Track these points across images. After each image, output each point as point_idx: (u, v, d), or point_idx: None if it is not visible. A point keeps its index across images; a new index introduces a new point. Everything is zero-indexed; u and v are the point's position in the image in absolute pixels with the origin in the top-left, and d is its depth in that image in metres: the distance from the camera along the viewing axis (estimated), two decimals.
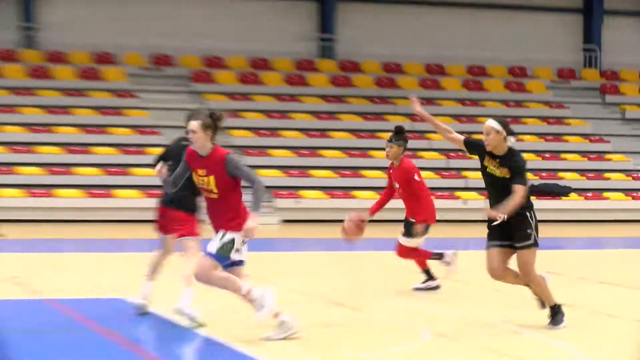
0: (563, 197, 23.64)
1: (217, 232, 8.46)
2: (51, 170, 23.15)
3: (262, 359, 7.54)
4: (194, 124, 8.38)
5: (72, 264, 14.65)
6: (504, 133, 8.74)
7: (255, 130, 25.22)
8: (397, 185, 11.47)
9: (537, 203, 10.00)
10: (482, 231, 8.98)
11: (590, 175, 26.34)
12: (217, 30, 27.63)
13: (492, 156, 8.82)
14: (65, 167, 23.15)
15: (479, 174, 9.16)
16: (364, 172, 24.45)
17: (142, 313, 8.83)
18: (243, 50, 27.86)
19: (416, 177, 11.33)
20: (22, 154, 23.58)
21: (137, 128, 25.02)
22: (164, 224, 9.46)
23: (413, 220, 11.31)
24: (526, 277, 9.03)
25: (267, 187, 20.55)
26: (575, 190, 23.77)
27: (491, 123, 8.80)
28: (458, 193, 24.57)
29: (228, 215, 8.46)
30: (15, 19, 27.72)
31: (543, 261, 9.48)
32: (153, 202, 10.06)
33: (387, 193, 11.30)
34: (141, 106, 25.90)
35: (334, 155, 25.53)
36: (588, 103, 29.72)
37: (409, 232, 11.12)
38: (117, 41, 27.13)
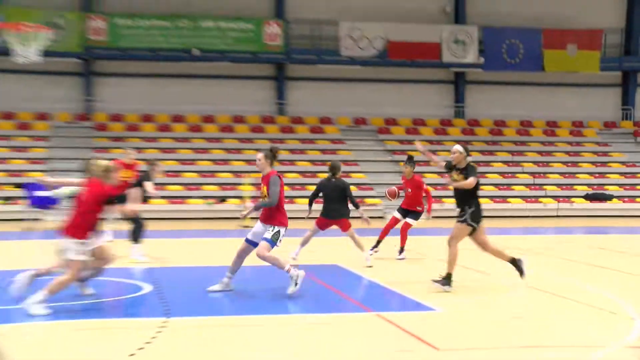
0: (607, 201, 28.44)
1: (263, 224, 9.78)
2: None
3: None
4: (259, 155, 9.86)
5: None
6: (465, 154, 10.12)
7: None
8: (409, 190, 13.84)
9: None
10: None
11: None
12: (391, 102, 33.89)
13: (457, 169, 10.22)
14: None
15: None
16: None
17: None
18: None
19: (425, 186, 13.87)
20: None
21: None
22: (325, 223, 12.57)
23: (419, 209, 13.81)
24: (448, 244, 10.19)
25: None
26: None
27: (457, 147, 10.21)
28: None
29: (273, 214, 9.67)
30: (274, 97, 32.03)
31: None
32: None
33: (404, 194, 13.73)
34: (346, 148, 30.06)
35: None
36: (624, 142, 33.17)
37: (415, 217, 13.67)
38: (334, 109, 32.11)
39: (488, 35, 32.25)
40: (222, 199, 26.24)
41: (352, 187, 13.48)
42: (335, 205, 12.85)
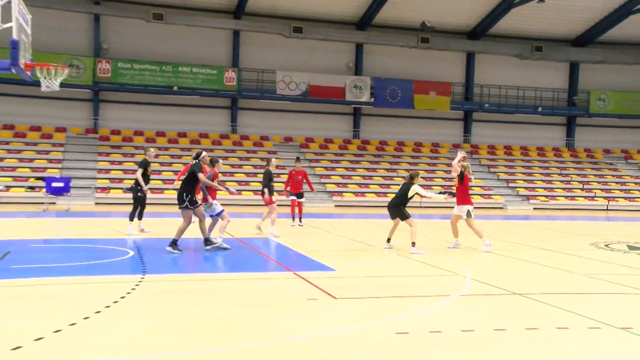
0: None
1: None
2: None
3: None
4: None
5: None
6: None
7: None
8: (300, 177, 14.58)
9: None
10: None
11: None
12: (309, 126, 33.09)
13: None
14: None
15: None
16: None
17: None
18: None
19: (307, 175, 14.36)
20: None
21: None
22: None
23: (301, 191, 14.35)
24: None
25: None
26: None
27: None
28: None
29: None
30: None
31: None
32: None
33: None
34: None
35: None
36: None
37: (303, 197, 13.79)
38: (270, 130, 33.74)
39: (377, 83, 32.41)
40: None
41: (280, 185, 13.31)
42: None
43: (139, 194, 12.69)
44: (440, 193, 26.54)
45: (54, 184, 20.52)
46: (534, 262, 10.36)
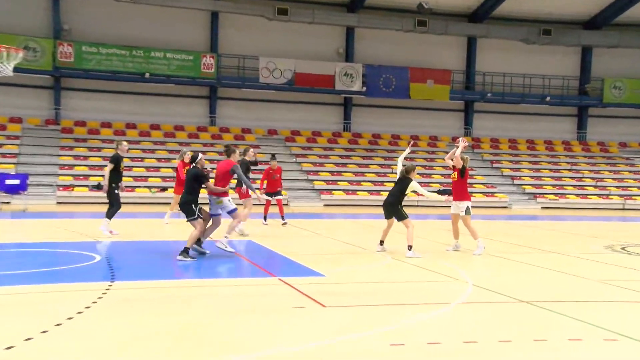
0: None
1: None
2: None
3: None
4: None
5: None
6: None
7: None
8: (277, 176, 14.71)
9: None
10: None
11: None
12: (296, 118, 32.80)
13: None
14: None
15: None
16: None
17: None
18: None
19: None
20: None
21: None
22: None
23: (280, 189, 14.46)
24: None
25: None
26: None
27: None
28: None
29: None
30: None
31: None
32: None
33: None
34: None
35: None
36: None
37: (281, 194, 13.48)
38: (253, 122, 34.18)
39: (370, 71, 32.54)
40: (164, 189, 25.55)
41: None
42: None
43: (99, 189, 13.00)
44: (439, 192, 26.55)
45: (8, 182, 20.25)
46: (542, 267, 10.41)
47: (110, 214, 12.54)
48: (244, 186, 12.92)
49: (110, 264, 9.61)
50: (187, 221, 10.16)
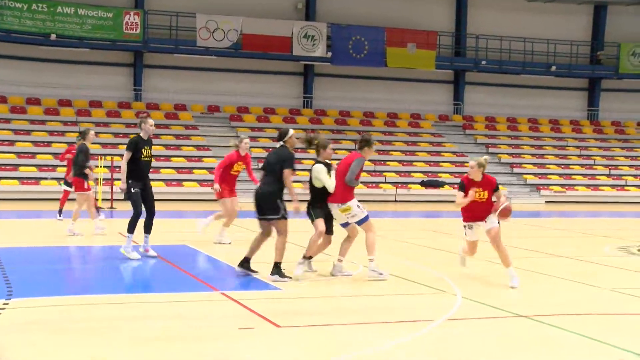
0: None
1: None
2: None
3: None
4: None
5: None
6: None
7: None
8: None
9: None
10: None
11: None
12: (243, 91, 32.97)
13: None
14: None
15: None
16: None
17: None
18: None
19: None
20: None
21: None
22: None
23: None
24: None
25: None
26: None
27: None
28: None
29: None
30: None
31: None
32: None
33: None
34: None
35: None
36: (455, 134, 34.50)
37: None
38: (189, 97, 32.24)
39: (336, 32, 32.67)
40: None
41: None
42: None
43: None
44: (423, 184, 26.30)
45: None
46: (546, 274, 10.54)
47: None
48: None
49: (7, 276, 9.40)
50: (268, 221, 9.64)
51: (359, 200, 9.88)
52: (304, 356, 6.05)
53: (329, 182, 9.59)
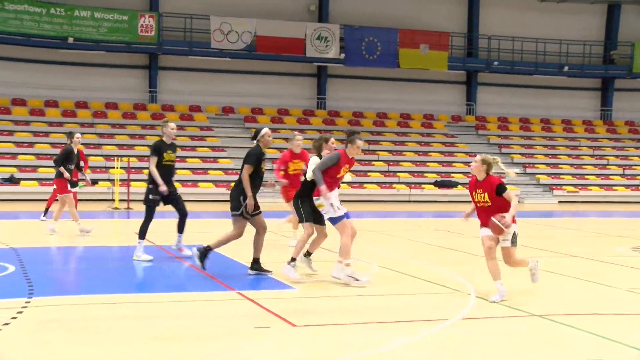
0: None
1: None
2: None
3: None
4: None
5: None
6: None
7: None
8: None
9: None
10: None
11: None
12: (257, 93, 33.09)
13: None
14: None
15: None
16: None
17: None
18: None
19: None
20: None
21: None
22: None
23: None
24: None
25: None
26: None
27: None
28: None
29: None
30: None
31: None
32: None
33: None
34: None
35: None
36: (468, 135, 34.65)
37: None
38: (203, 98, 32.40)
39: (349, 33, 32.66)
40: (95, 182, 25.35)
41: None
42: None
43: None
44: (437, 184, 26.26)
45: None
46: (559, 273, 10.56)
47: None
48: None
49: (28, 275, 9.47)
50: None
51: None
52: (321, 355, 6.05)
53: (309, 173, 9.44)
